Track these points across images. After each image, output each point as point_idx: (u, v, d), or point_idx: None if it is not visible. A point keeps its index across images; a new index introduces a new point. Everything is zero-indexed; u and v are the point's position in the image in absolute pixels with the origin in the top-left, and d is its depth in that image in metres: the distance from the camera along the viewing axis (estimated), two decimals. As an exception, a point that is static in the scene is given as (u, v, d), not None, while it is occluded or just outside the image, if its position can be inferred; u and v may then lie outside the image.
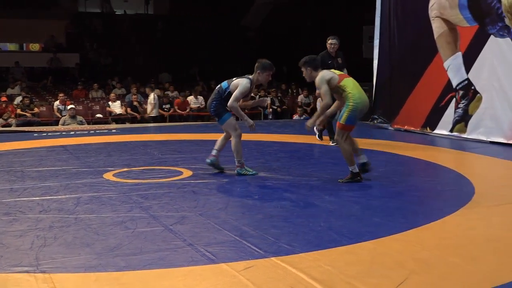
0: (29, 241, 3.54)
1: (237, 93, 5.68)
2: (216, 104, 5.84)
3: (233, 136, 5.86)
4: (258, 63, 5.84)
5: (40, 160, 6.99)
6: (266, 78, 5.91)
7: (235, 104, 5.70)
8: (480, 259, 3.20)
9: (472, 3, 8.70)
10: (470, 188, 5.15)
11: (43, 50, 22.48)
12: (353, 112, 5.28)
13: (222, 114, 5.84)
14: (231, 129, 5.88)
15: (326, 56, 8.18)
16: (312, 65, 5.48)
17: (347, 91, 5.31)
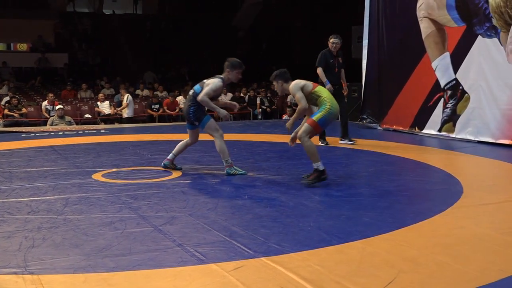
0: (17, 242, 3.52)
1: (209, 89, 5.74)
2: (194, 110, 5.86)
3: (216, 138, 5.88)
4: (227, 61, 5.91)
5: (28, 161, 6.94)
6: (236, 76, 5.94)
7: (205, 98, 5.72)
8: (469, 258, 3.22)
9: (459, 3, 8.76)
10: (459, 188, 5.19)
11: (31, 50, 22.34)
12: (329, 114, 5.31)
13: (201, 117, 5.88)
14: (213, 131, 5.89)
15: (328, 54, 8.24)
16: (283, 78, 5.49)
17: (322, 97, 5.37)
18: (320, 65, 8.24)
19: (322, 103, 5.34)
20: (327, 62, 8.22)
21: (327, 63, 8.22)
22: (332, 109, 5.32)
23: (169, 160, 6.23)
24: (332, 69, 8.23)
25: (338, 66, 8.30)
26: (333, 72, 8.24)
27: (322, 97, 5.37)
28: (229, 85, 16.85)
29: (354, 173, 6.19)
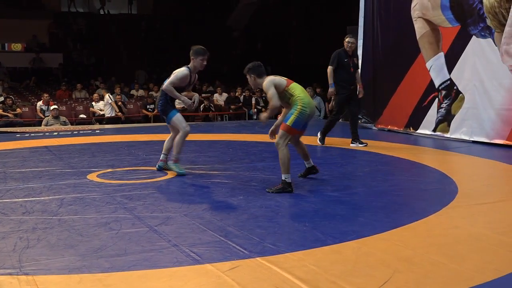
0: (12, 243, 3.51)
1: (174, 77, 5.81)
2: (162, 103, 5.94)
3: (181, 131, 5.95)
4: (191, 49, 5.92)
5: (23, 161, 6.92)
6: (201, 63, 5.92)
7: (169, 87, 5.78)
8: (464, 258, 3.23)
9: (454, 4, 8.78)
10: (454, 187, 5.20)
11: (26, 50, 22.28)
12: (301, 115, 5.12)
13: (168, 111, 5.94)
14: (179, 125, 5.95)
15: (342, 53, 8.00)
16: (256, 72, 5.28)
17: (295, 95, 5.15)
18: (332, 65, 7.98)
19: (294, 103, 5.14)
20: (341, 62, 7.96)
21: (341, 63, 7.96)
22: (305, 108, 5.11)
23: (163, 161, 6.22)
24: (346, 69, 7.97)
25: (354, 66, 8.06)
26: (348, 72, 7.98)
27: (295, 96, 5.14)
28: (224, 85, 16.91)
29: (349, 173, 6.20)
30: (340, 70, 7.94)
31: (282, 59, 23.31)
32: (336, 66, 7.94)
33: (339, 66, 7.95)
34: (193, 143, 8.72)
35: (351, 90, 8.01)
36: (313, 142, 8.26)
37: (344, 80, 7.96)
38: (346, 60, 7.95)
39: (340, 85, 7.95)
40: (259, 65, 5.34)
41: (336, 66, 7.94)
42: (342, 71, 7.94)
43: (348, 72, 7.96)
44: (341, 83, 7.95)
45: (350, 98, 8.10)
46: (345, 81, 7.96)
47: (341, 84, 7.95)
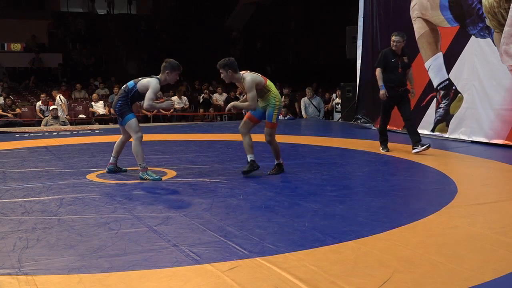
0: (11, 243, 3.51)
1: (150, 94, 5.72)
2: (121, 104, 5.83)
3: (134, 139, 5.79)
4: (165, 63, 5.88)
5: (22, 161, 6.92)
6: (174, 78, 5.98)
7: (150, 103, 5.74)
8: (463, 258, 3.23)
9: (453, 4, 8.79)
10: (453, 187, 5.21)
11: (25, 50, 22.27)
12: (278, 111, 5.83)
13: (125, 114, 5.82)
14: (132, 131, 5.80)
15: (389, 53, 7.45)
16: (231, 67, 5.66)
17: (271, 91, 5.78)
18: (379, 66, 7.45)
19: (270, 98, 5.77)
20: (388, 62, 7.38)
21: (388, 63, 7.39)
22: (280, 103, 5.85)
23: (112, 164, 6.11)
24: (394, 69, 7.35)
25: (403, 66, 7.41)
26: (396, 73, 7.36)
27: (271, 92, 5.78)
28: (224, 86, 16.90)
29: (348, 173, 6.21)
30: (386, 71, 7.42)
31: (281, 59, 23.32)
32: (383, 66, 7.42)
33: (386, 67, 7.42)
34: (192, 143, 8.73)
35: (400, 92, 7.42)
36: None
37: (391, 82, 7.37)
38: (394, 60, 7.37)
39: (388, 87, 7.36)
40: (233, 60, 5.73)
41: (383, 67, 7.42)
42: (389, 72, 7.40)
43: (395, 73, 7.37)
44: (388, 85, 7.38)
45: (400, 101, 7.48)
46: (392, 82, 7.37)
47: (387, 86, 7.37)
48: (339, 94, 13.91)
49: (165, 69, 5.83)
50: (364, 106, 11.23)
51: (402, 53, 7.42)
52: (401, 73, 7.38)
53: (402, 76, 7.41)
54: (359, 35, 11.25)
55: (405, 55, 7.45)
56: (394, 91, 7.37)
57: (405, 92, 7.50)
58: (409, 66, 7.52)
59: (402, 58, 7.41)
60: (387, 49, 7.52)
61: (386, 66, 7.41)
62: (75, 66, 21.09)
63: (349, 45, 12.18)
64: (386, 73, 7.40)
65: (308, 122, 13.37)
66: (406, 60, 7.45)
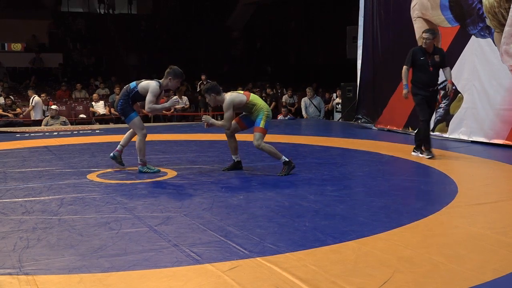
0: (12, 243, 3.51)
1: (150, 97, 5.94)
2: (122, 103, 6.09)
3: (138, 135, 6.08)
4: (170, 69, 6.07)
5: (23, 161, 6.92)
6: (176, 85, 6.21)
7: (151, 106, 5.98)
8: (464, 258, 3.23)
9: (453, 3, 8.79)
10: (454, 187, 5.21)
11: (26, 50, 22.28)
12: (268, 118, 5.92)
13: (128, 113, 6.10)
14: (137, 128, 6.10)
15: (418, 51, 7.07)
16: (214, 91, 5.87)
17: (257, 104, 5.92)
18: (406, 64, 7.11)
19: (259, 110, 5.90)
20: (416, 60, 7.02)
21: (416, 61, 7.03)
22: (269, 113, 5.97)
23: (118, 151, 6.37)
24: (424, 68, 6.98)
25: (434, 64, 6.98)
26: (427, 72, 6.98)
27: (257, 105, 5.92)
28: (224, 85, 16.87)
29: (349, 173, 6.20)
30: (415, 69, 7.07)
31: (281, 59, 23.32)
32: (411, 65, 7.08)
33: (414, 66, 7.07)
34: (193, 143, 8.73)
35: (431, 92, 7.04)
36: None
37: (420, 81, 7.03)
38: (423, 58, 6.99)
39: (416, 86, 7.04)
40: (215, 84, 5.99)
41: (412, 66, 7.08)
42: (418, 70, 7.04)
43: (425, 71, 6.99)
44: (417, 84, 7.05)
45: (429, 101, 7.10)
46: (421, 81, 7.02)
47: (416, 85, 7.05)
48: (340, 94, 13.92)
49: (168, 75, 6.03)
50: (365, 106, 11.23)
51: (434, 51, 7.04)
52: (431, 72, 7.00)
53: (433, 75, 7.03)
54: (359, 35, 11.25)
55: (436, 53, 7.05)
56: (423, 90, 7.02)
57: (435, 93, 7.20)
58: (442, 65, 7.08)
59: (433, 56, 7.01)
60: (417, 47, 7.24)
61: (414, 64, 7.08)
62: (75, 66, 21.09)
63: (350, 45, 12.18)
64: (415, 72, 7.09)
65: (309, 122, 13.38)
66: (438, 59, 7.01)
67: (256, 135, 5.88)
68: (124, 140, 6.39)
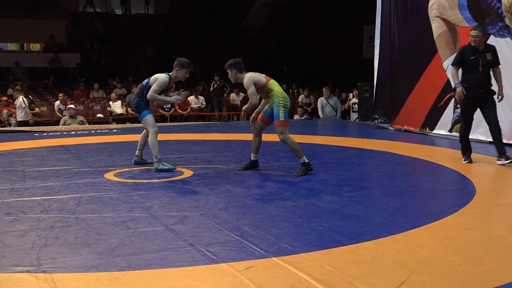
0: (30, 241, 3.55)
1: (155, 86, 6.12)
2: (137, 101, 6.26)
3: (150, 132, 6.19)
4: (177, 61, 6.24)
5: (41, 160, 6.99)
6: (184, 75, 6.31)
7: (153, 94, 6.11)
8: (481, 259, 3.20)
9: (471, 3, 8.70)
10: (471, 188, 5.16)
11: (44, 50, 22.50)
12: (285, 108, 5.83)
13: (142, 110, 6.25)
14: (149, 126, 6.22)
15: (467, 50, 6.60)
16: (237, 67, 5.88)
17: (274, 90, 5.85)
18: (454, 63, 6.69)
19: (274, 97, 5.82)
20: (465, 59, 6.56)
21: (466, 60, 6.56)
22: (285, 101, 5.85)
23: (138, 156, 6.59)
24: (473, 68, 6.50)
25: (485, 64, 6.48)
26: (475, 72, 6.49)
27: (274, 91, 5.85)
28: (241, 85, 16.87)
29: (365, 173, 6.17)
30: (464, 70, 6.62)
31: (297, 59, 23.28)
32: (461, 64, 6.64)
33: (464, 66, 6.62)
34: (209, 143, 8.75)
35: (482, 94, 6.52)
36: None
37: (469, 81, 6.54)
38: (473, 57, 6.50)
39: (465, 87, 6.52)
40: (239, 61, 5.95)
41: (462, 65, 6.64)
42: (467, 70, 6.58)
43: (474, 71, 6.50)
44: (466, 85, 6.54)
45: (483, 103, 6.60)
46: (470, 82, 6.53)
47: (466, 86, 6.53)
48: (356, 94, 13.87)
49: (175, 67, 6.23)
50: (381, 106, 11.17)
51: (485, 49, 6.54)
52: (482, 72, 6.49)
53: (484, 75, 6.52)
54: (376, 34, 11.20)
55: (488, 51, 6.54)
56: (473, 92, 6.52)
57: (489, 94, 6.57)
58: (494, 64, 6.56)
59: (484, 54, 6.51)
60: (466, 46, 6.71)
61: (464, 64, 6.62)
62: (93, 66, 21.25)
63: (366, 44, 12.13)
64: (465, 72, 6.62)
65: (325, 122, 13.34)
66: (490, 57, 6.52)
67: (278, 129, 5.85)
68: (140, 143, 6.58)
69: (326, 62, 21.74)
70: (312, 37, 23.72)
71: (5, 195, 4.93)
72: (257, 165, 6.21)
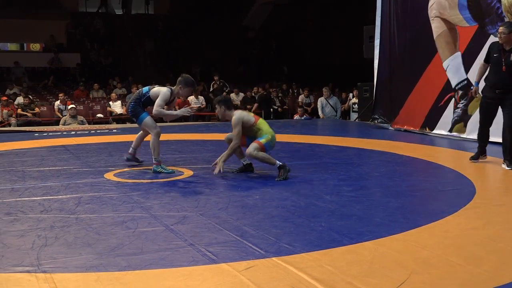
0: (30, 241, 3.55)
1: (159, 101, 5.98)
2: (134, 105, 6.15)
3: (152, 134, 6.09)
4: (181, 77, 6.10)
5: (41, 160, 6.99)
6: (188, 93, 6.33)
7: (159, 110, 5.98)
8: (481, 259, 3.20)
9: (471, 3, 8.70)
10: (471, 188, 5.16)
11: (44, 50, 22.49)
12: (270, 142, 5.78)
13: (139, 113, 6.13)
14: (150, 127, 6.12)
15: (494, 46, 6.27)
16: (226, 105, 5.86)
17: (263, 130, 5.80)
18: (484, 60, 6.40)
19: (263, 134, 5.78)
20: (490, 56, 6.25)
21: (490, 58, 6.25)
22: (272, 139, 5.81)
23: (130, 154, 6.51)
24: (496, 66, 6.18)
25: (508, 64, 6.07)
26: (497, 71, 6.17)
27: (263, 130, 5.79)
28: (241, 86, 16.90)
29: (365, 173, 6.18)
30: (490, 66, 6.31)
31: (297, 59, 23.28)
32: (487, 61, 6.34)
33: (489, 62, 6.29)
34: (209, 143, 8.75)
35: (499, 94, 6.21)
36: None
37: (489, 80, 6.30)
38: (497, 55, 6.16)
39: (485, 86, 6.35)
40: (229, 98, 6.07)
41: (487, 61, 6.33)
42: (490, 68, 6.29)
43: (496, 70, 6.18)
44: (486, 83, 6.33)
45: (502, 105, 6.29)
46: (489, 81, 6.28)
47: (485, 85, 6.33)
48: (356, 94, 13.87)
49: (179, 84, 6.08)
50: (381, 106, 11.17)
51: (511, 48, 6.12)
52: (504, 72, 6.11)
53: (505, 76, 6.13)
54: (376, 34, 11.20)
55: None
56: (490, 92, 6.26)
57: (506, 95, 6.17)
58: None
59: (509, 54, 6.09)
60: (495, 42, 6.35)
61: (489, 61, 6.30)
62: (93, 66, 21.25)
63: (366, 44, 12.14)
64: (490, 69, 6.31)
65: (325, 122, 13.35)
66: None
67: (253, 144, 5.70)
68: (135, 142, 6.51)
69: (326, 62, 21.74)
70: (312, 37, 23.72)
71: (5, 195, 4.93)
72: (251, 168, 6.08)
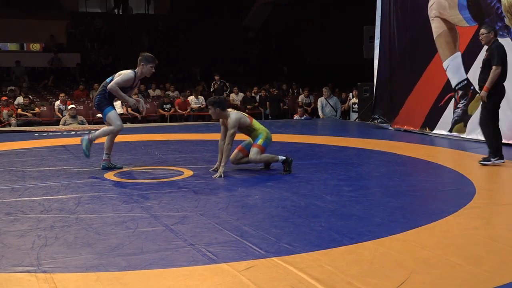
0: (30, 241, 3.55)
1: (119, 79, 6.01)
2: (99, 98, 6.12)
3: (113, 126, 6.08)
4: (141, 56, 6.16)
5: (41, 160, 6.99)
6: (150, 70, 6.17)
7: (114, 86, 5.96)
8: (481, 259, 3.20)
9: (471, 3, 8.70)
10: (471, 188, 5.16)
11: (44, 50, 22.49)
12: (267, 140, 5.99)
13: (104, 107, 6.10)
14: (112, 122, 6.09)
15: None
16: (220, 106, 5.88)
17: (258, 129, 6.00)
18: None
19: (258, 133, 5.98)
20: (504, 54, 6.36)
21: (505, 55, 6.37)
22: (268, 136, 6.02)
23: (106, 161, 6.32)
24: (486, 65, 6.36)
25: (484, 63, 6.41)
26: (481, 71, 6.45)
27: (258, 130, 6.00)
28: (241, 86, 16.91)
29: (365, 173, 6.18)
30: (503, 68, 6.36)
31: (297, 59, 23.28)
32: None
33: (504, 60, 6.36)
34: (209, 143, 8.75)
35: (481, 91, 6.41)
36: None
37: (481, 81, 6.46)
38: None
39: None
40: (223, 99, 6.14)
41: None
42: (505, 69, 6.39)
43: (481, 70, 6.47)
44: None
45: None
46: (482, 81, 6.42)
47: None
48: (356, 94, 13.87)
49: (140, 62, 6.11)
50: (381, 106, 11.17)
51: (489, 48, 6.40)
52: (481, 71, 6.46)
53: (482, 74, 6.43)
54: (376, 34, 11.21)
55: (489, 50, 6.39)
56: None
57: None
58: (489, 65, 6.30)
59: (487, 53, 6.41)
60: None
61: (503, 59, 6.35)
62: (93, 66, 21.23)
63: (366, 44, 12.14)
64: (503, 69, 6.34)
65: (325, 122, 13.35)
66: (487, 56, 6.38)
67: (253, 149, 5.91)
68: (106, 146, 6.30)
69: (326, 62, 21.74)
70: (312, 37, 23.72)
71: (5, 195, 4.93)
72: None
